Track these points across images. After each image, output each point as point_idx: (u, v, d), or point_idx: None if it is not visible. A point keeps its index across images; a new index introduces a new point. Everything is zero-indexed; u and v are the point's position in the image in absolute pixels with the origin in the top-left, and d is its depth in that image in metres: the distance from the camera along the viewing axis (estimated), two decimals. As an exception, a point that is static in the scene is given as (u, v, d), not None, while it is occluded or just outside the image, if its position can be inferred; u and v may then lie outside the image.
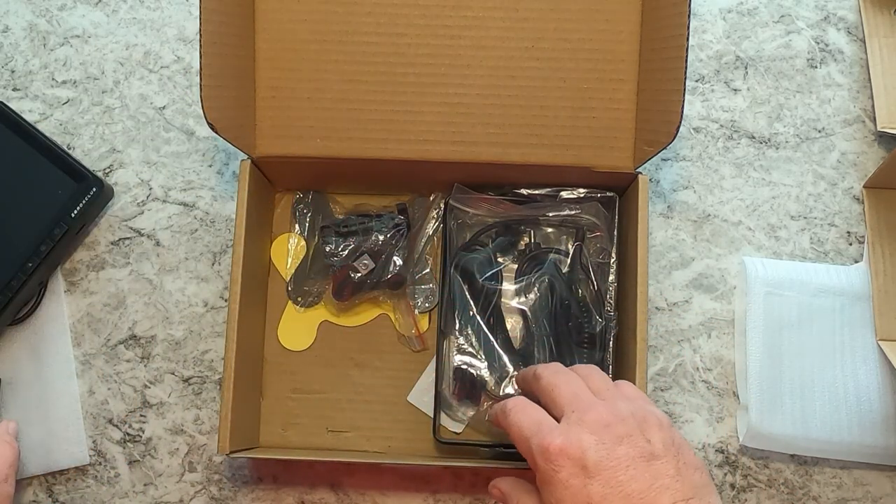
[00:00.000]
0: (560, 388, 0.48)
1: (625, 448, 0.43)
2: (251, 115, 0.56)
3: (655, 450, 0.44)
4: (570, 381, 0.48)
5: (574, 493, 0.43)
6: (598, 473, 0.43)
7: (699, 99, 0.65)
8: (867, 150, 0.65)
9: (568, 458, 0.43)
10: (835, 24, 0.66)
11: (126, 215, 0.63)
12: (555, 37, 0.56)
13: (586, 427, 0.44)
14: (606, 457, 0.43)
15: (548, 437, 0.44)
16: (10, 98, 0.65)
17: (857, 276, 0.61)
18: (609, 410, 0.45)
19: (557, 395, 0.48)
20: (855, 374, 0.59)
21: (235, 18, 0.54)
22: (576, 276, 0.58)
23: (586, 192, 0.59)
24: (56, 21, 0.66)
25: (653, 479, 0.43)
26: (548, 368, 0.50)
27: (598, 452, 0.43)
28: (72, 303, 0.62)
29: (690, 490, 0.43)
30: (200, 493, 0.59)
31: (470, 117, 0.56)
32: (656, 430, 0.45)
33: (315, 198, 0.62)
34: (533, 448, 0.45)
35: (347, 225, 0.60)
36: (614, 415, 0.45)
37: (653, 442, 0.44)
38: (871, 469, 0.59)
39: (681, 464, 0.44)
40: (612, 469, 0.43)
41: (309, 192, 0.62)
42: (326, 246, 0.60)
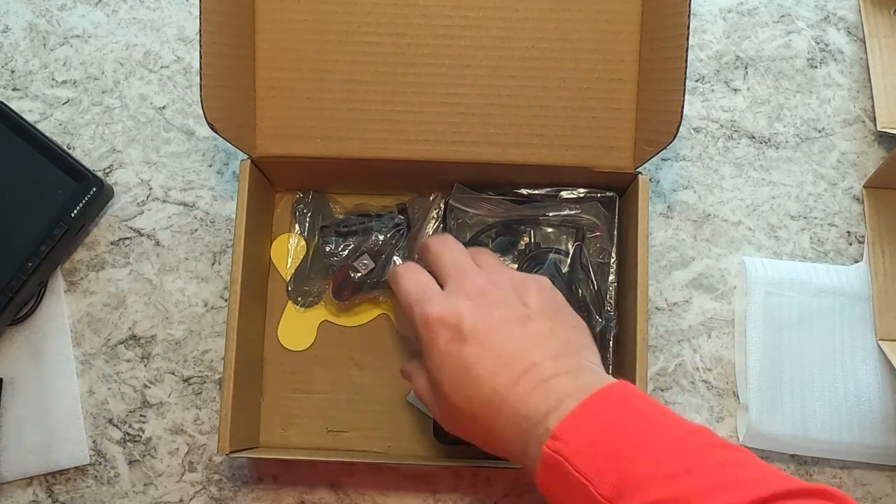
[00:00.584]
0: (444, 257, 0.50)
1: (500, 312, 0.46)
2: (251, 115, 0.56)
3: (531, 312, 0.46)
4: (455, 250, 0.51)
5: (451, 357, 0.45)
6: (473, 337, 0.45)
7: (699, 99, 0.65)
8: (867, 150, 0.65)
9: (444, 325, 0.45)
10: (835, 24, 0.66)
11: (126, 215, 0.63)
12: (555, 37, 0.56)
13: (464, 294, 0.47)
14: (481, 321, 0.45)
15: (428, 306, 0.47)
16: (10, 98, 0.65)
17: (857, 276, 0.61)
18: (488, 278, 0.48)
19: (441, 265, 0.50)
20: (855, 374, 0.59)
21: (235, 18, 0.54)
22: (576, 276, 0.58)
23: (586, 192, 0.59)
24: (56, 21, 0.66)
25: (525, 338, 0.45)
26: (437, 239, 0.52)
27: (473, 318, 0.45)
28: (72, 303, 0.62)
29: (562, 347, 0.45)
30: (200, 493, 0.59)
31: (470, 117, 0.56)
32: (534, 294, 0.47)
33: (315, 198, 0.62)
34: (415, 315, 0.47)
35: (347, 225, 0.60)
36: (492, 282, 0.47)
37: (529, 305, 0.46)
38: (871, 469, 0.59)
39: (556, 324, 0.46)
40: (486, 332, 0.45)
41: (309, 192, 0.62)
42: (326, 246, 0.60)
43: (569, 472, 0.39)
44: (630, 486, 0.37)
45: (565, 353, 0.44)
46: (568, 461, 0.39)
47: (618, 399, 0.41)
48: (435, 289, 0.48)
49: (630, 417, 0.40)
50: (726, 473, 0.37)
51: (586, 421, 0.40)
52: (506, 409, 0.43)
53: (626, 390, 0.42)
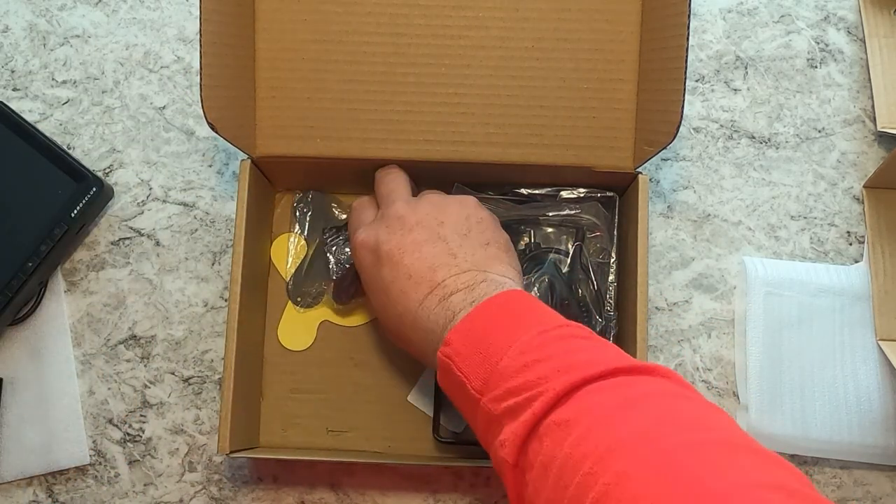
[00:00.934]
0: (380, 185, 0.55)
1: (413, 235, 0.49)
2: (251, 115, 0.56)
3: (443, 233, 0.50)
4: (391, 180, 0.55)
5: (372, 279, 0.51)
6: (388, 260, 0.49)
7: (699, 99, 0.65)
8: (867, 150, 0.65)
9: (366, 249, 0.51)
10: (835, 24, 0.66)
11: (126, 215, 0.63)
12: (555, 37, 0.56)
13: (384, 221, 0.51)
14: (396, 245, 0.49)
15: (356, 234, 0.53)
16: (10, 98, 0.65)
17: (857, 276, 0.61)
18: (409, 206, 0.51)
19: (378, 193, 0.55)
20: (855, 374, 0.59)
21: (235, 18, 0.54)
22: (576, 276, 0.58)
23: (586, 192, 0.59)
24: (56, 21, 0.66)
25: (433, 258, 0.48)
26: (382, 169, 0.56)
27: (388, 243, 0.50)
28: (72, 303, 0.62)
29: (469, 263, 0.48)
30: (200, 493, 0.59)
31: (470, 117, 0.56)
32: (453, 214, 0.51)
33: (315, 198, 0.62)
34: (351, 238, 0.54)
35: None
36: (412, 209, 0.51)
37: (445, 225, 0.50)
38: (871, 469, 0.59)
39: (466, 241, 0.49)
40: (399, 255, 0.49)
41: (309, 192, 0.62)
42: (329, 247, 0.60)
43: (453, 371, 0.44)
44: (494, 378, 0.42)
45: (470, 269, 0.48)
46: (452, 362, 0.44)
47: (500, 304, 0.45)
48: (367, 219, 0.54)
49: (506, 319, 0.44)
50: (571, 358, 0.41)
51: (469, 327, 0.44)
52: (417, 325, 0.48)
53: (510, 296, 0.46)
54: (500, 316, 0.45)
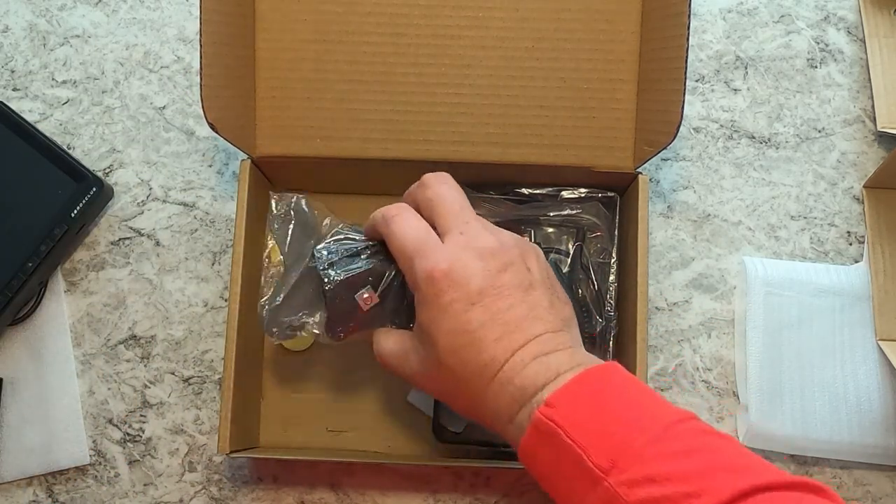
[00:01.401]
0: (446, 202, 0.47)
1: (508, 276, 0.44)
2: (251, 115, 0.56)
3: (534, 280, 0.45)
4: (458, 196, 0.48)
5: (453, 318, 0.43)
6: (480, 300, 0.43)
7: (699, 99, 0.65)
8: (867, 150, 0.65)
9: (452, 283, 0.43)
10: (835, 24, 0.66)
11: (126, 215, 0.63)
12: (555, 37, 0.56)
13: (474, 252, 0.44)
14: (491, 285, 0.43)
15: (432, 259, 0.44)
16: (10, 98, 0.65)
17: (857, 276, 0.61)
18: (497, 238, 0.46)
19: (442, 212, 0.47)
20: (855, 374, 0.59)
21: (235, 18, 0.54)
22: (576, 276, 0.58)
23: (587, 192, 0.59)
24: (56, 21, 0.66)
25: (530, 308, 0.44)
26: (437, 178, 0.49)
27: (483, 280, 0.43)
28: (72, 303, 0.62)
29: (560, 322, 0.45)
30: (200, 493, 0.59)
31: (470, 117, 0.56)
32: (535, 261, 0.46)
33: (297, 204, 0.53)
34: (416, 268, 0.44)
35: (348, 247, 0.50)
36: (501, 242, 0.45)
37: (532, 272, 0.45)
38: (871, 469, 0.59)
39: (554, 297, 0.45)
40: (494, 297, 0.43)
41: (290, 197, 0.54)
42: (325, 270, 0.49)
43: (561, 439, 0.39)
44: (627, 458, 0.37)
45: (563, 329, 0.44)
46: (561, 428, 0.39)
47: (612, 377, 0.42)
48: (436, 239, 0.45)
49: (624, 396, 0.41)
50: (722, 458, 0.38)
51: (582, 394, 0.40)
52: (501, 378, 0.42)
53: (619, 371, 0.43)
54: (618, 392, 0.41)
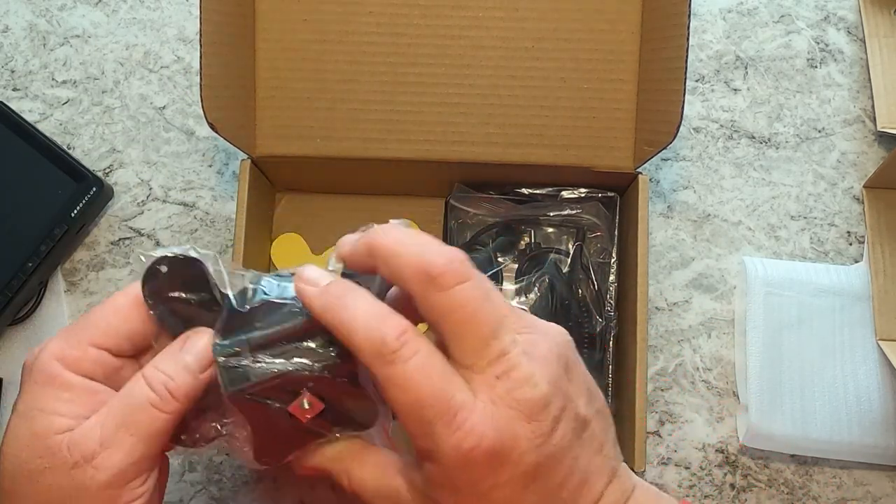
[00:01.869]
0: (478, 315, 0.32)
1: (562, 428, 0.33)
2: (251, 115, 0.56)
3: (580, 412, 0.34)
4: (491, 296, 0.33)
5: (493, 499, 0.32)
6: (535, 479, 0.32)
7: (699, 99, 0.65)
8: (867, 150, 0.65)
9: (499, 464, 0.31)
10: (835, 24, 0.66)
11: (126, 215, 0.63)
12: (555, 37, 0.56)
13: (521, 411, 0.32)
14: (546, 455, 0.32)
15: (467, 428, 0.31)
16: (10, 98, 0.65)
17: (857, 276, 0.61)
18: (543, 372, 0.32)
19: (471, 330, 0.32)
20: (855, 373, 0.59)
21: (235, 18, 0.54)
22: (576, 276, 0.58)
23: (587, 192, 0.59)
24: (56, 21, 0.66)
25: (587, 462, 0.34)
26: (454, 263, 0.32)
27: (538, 451, 0.32)
28: (72, 303, 0.62)
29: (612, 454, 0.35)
30: (200, 493, 0.59)
31: (470, 117, 0.56)
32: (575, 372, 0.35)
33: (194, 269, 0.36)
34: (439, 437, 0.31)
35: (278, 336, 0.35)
36: (550, 383, 0.32)
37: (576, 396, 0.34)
38: (871, 469, 0.59)
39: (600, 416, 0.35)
40: (551, 466, 0.32)
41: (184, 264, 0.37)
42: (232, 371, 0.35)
43: None
44: None
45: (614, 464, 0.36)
46: None
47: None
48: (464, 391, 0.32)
49: None
50: None
51: None
52: None
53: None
54: None
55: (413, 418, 0.32)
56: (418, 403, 0.31)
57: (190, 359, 0.36)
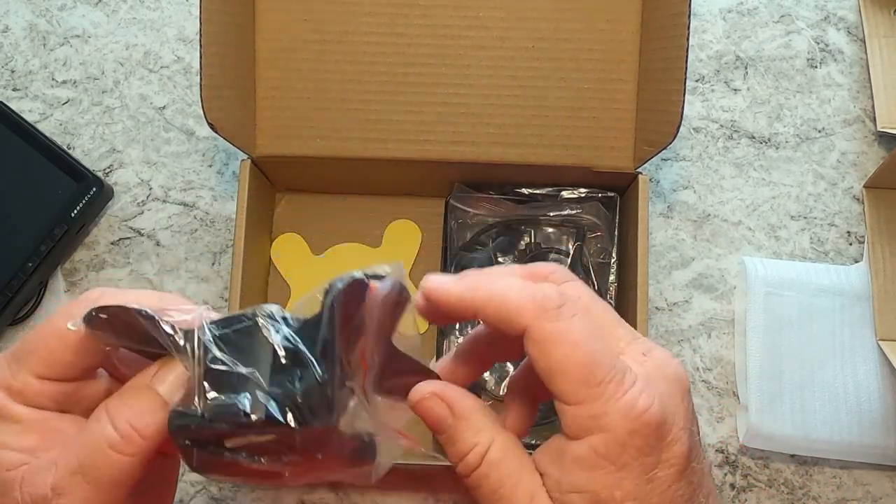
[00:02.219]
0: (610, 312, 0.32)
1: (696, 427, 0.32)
2: (251, 115, 0.56)
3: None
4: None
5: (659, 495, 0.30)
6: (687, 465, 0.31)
7: (699, 99, 0.65)
8: (867, 150, 0.65)
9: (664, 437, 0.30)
10: (835, 24, 0.66)
11: (126, 215, 0.63)
12: (555, 37, 0.56)
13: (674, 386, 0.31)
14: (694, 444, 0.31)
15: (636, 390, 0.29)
16: (10, 98, 0.65)
17: (857, 276, 0.61)
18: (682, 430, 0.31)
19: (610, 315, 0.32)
20: (855, 373, 0.59)
21: (235, 18, 0.54)
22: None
23: (587, 192, 0.59)
24: (56, 21, 0.66)
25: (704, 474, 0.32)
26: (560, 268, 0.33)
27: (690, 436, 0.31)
28: (72, 303, 0.62)
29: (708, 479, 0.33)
30: (200, 492, 0.59)
31: (470, 117, 0.56)
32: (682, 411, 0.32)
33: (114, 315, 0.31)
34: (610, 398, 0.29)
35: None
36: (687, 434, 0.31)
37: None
38: (871, 469, 0.59)
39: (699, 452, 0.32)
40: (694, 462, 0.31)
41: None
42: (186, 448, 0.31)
43: None
44: None
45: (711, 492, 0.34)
46: None
47: None
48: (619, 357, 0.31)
49: None
50: None
51: None
52: None
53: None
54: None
55: (580, 376, 0.29)
56: (589, 361, 0.29)
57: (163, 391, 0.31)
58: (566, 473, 0.30)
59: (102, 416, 0.31)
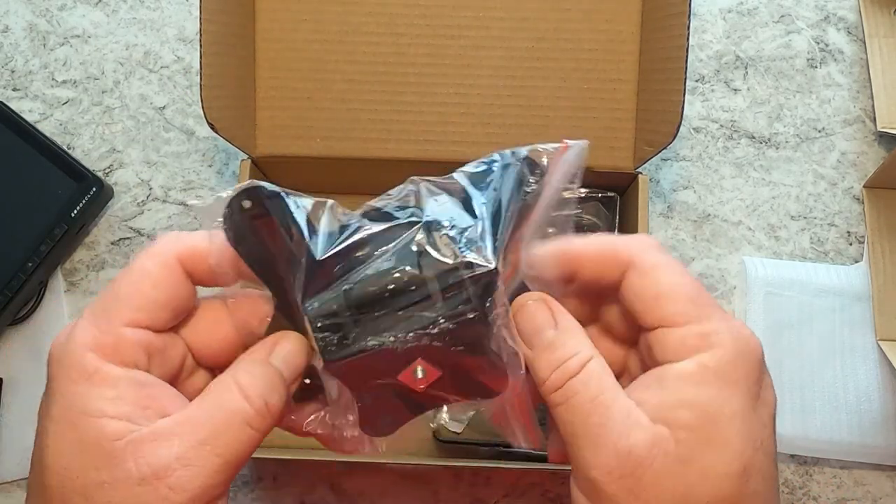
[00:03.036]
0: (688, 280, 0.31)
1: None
2: (251, 115, 0.56)
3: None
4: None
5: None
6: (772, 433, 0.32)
7: (699, 99, 0.65)
8: (867, 150, 0.65)
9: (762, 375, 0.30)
10: (835, 24, 0.66)
11: (126, 215, 0.63)
12: (555, 37, 0.56)
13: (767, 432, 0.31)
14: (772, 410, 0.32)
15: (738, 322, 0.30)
16: (10, 98, 0.65)
17: (857, 276, 0.61)
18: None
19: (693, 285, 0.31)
20: (855, 373, 0.59)
21: (235, 18, 0.54)
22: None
23: (587, 192, 0.59)
24: (56, 21, 0.66)
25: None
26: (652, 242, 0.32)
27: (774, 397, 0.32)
28: (72, 303, 0.62)
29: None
30: (200, 493, 0.59)
31: (470, 117, 0.56)
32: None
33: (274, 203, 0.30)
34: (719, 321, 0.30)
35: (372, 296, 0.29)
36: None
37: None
38: (871, 469, 0.59)
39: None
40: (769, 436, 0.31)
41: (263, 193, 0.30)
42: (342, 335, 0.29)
43: None
44: None
45: None
46: None
47: None
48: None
49: None
50: None
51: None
52: None
53: None
54: None
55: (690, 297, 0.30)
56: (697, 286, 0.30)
57: (282, 367, 0.30)
58: (670, 393, 0.29)
59: (233, 387, 0.29)
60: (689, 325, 0.29)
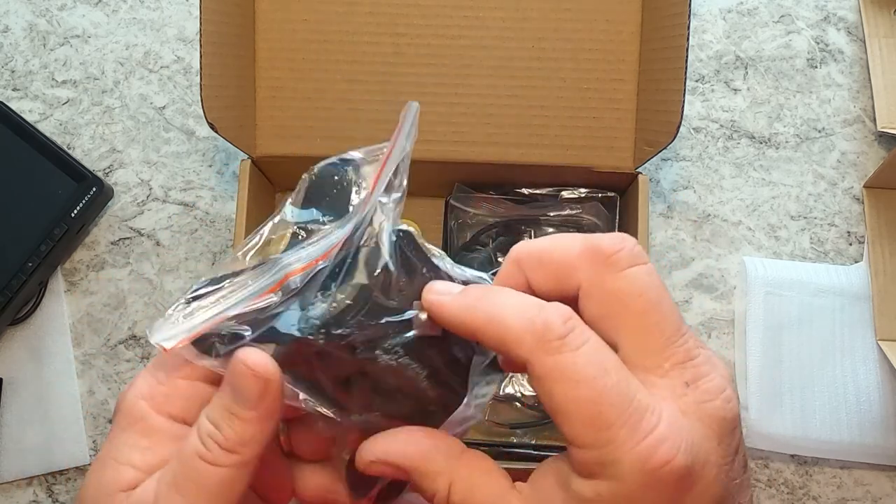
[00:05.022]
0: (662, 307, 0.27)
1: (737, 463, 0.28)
2: (251, 115, 0.56)
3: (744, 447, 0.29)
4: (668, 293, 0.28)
5: None
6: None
7: (699, 99, 0.65)
8: (867, 150, 0.65)
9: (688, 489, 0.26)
10: (835, 24, 0.66)
11: (126, 215, 0.63)
12: (555, 37, 0.56)
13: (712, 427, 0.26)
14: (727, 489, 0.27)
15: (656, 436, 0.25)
16: (10, 98, 0.65)
17: (857, 276, 0.61)
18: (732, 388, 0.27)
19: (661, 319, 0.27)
20: (855, 373, 0.59)
21: (235, 18, 0.54)
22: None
23: (587, 192, 0.59)
24: (56, 21, 0.66)
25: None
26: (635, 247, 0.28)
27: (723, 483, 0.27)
28: (72, 303, 0.62)
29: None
30: (200, 493, 0.59)
31: (470, 117, 0.56)
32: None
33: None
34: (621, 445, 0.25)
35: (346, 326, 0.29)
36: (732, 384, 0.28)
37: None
38: (871, 469, 0.59)
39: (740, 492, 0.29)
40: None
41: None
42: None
43: None
44: None
45: None
46: None
47: None
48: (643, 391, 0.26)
49: None
50: None
51: None
52: None
53: None
54: None
55: (585, 419, 0.25)
56: (595, 400, 0.25)
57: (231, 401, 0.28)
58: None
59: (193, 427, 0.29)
60: (585, 449, 0.25)
